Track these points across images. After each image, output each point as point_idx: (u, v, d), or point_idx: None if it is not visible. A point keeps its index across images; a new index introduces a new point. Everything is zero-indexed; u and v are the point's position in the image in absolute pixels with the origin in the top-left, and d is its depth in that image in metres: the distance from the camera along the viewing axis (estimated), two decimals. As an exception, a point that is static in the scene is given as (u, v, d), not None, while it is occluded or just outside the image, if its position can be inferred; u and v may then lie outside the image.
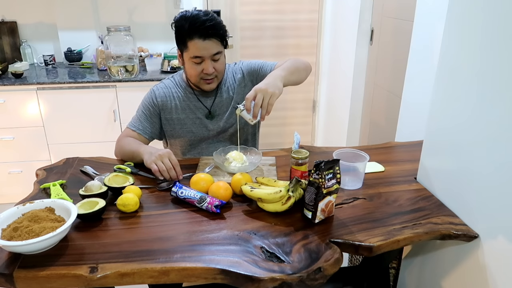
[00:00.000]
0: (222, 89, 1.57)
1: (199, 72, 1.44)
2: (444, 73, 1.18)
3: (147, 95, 1.55)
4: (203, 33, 1.36)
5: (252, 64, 1.59)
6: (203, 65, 1.42)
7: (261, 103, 1.23)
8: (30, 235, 0.91)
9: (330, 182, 1.04)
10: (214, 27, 1.38)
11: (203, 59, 1.41)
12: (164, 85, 1.56)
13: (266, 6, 3.16)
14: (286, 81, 1.35)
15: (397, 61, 2.27)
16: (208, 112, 1.55)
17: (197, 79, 1.47)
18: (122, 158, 1.46)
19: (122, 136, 1.51)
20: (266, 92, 1.23)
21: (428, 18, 1.75)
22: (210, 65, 1.42)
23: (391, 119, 2.32)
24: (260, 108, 1.23)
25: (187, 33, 1.38)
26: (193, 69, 1.44)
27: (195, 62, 1.42)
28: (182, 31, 1.39)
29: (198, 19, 1.36)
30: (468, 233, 1.06)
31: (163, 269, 0.89)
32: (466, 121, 1.09)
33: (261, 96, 1.23)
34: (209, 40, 1.38)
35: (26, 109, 2.51)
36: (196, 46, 1.38)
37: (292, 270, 0.89)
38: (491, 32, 0.98)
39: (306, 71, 1.51)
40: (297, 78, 1.45)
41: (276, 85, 1.27)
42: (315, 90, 3.47)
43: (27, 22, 2.91)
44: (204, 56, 1.40)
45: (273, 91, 1.24)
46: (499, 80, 0.96)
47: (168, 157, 1.28)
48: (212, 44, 1.39)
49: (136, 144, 1.43)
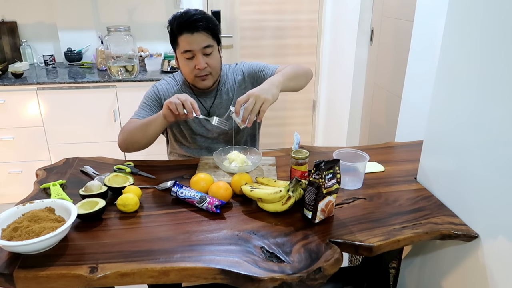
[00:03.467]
0: (222, 90, 1.57)
1: (192, 69, 1.44)
2: (444, 73, 1.18)
3: (149, 90, 1.56)
4: (191, 26, 1.38)
5: (254, 66, 1.58)
6: (195, 61, 1.42)
7: (252, 108, 1.22)
8: (30, 235, 0.91)
9: (330, 182, 1.04)
10: (201, 20, 1.39)
11: (194, 54, 1.41)
12: (165, 81, 1.57)
13: (266, 6, 3.16)
14: (284, 87, 1.35)
15: (397, 61, 2.27)
16: (207, 112, 1.55)
17: (191, 77, 1.46)
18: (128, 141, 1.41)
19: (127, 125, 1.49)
20: (258, 98, 1.23)
21: (428, 18, 1.75)
22: (202, 59, 1.42)
23: (391, 119, 2.32)
24: (250, 113, 1.22)
25: (176, 29, 1.40)
26: (186, 66, 1.44)
27: (187, 58, 1.42)
28: (172, 29, 1.41)
29: (186, 14, 1.39)
30: (468, 233, 1.06)
31: (163, 269, 0.89)
32: (466, 121, 1.09)
33: (252, 101, 1.22)
34: (198, 33, 1.39)
35: (26, 109, 2.51)
36: (186, 40, 1.39)
37: (292, 270, 0.89)
38: (491, 32, 0.98)
39: (306, 78, 1.51)
40: (295, 85, 1.45)
41: (271, 91, 1.27)
42: (315, 90, 3.47)
43: (27, 22, 2.91)
44: (194, 50, 1.40)
45: (266, 97, 1.24)
46: (499, 80, 0.96)
47: (185, 96, 1.26)
48: (201, 37, 1.40)
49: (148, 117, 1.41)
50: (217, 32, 1.45)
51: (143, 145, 1.42)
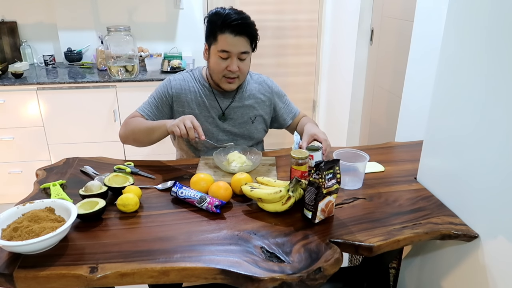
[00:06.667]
0: (242, 94, 1.57)
1: (223, 68, 1.44)
2: (444, 73, 1.18)
3: (162, 84, 1.55)
4: (235, 28, 1.38)
5: (282, 96, 1.67)
6: (229, 62, 1.42)
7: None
8: (30, 235, 0.91)
9: (330, 182, 1.04)
10: (246, 25, 1.39)
11: (230, 55, 1.41)
12: (182, 77, 1.56)
13: (266, 6, 3.16)
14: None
15: (397, 61, 2.27)
16: (221, 113, 1.55)
17: (219, 76, 1.46)
18: (130, 138, 1.47)
19: (131, 117, 1.51)
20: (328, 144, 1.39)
21: (428, 18, 1.75)
22: (235, 63, 1.42)
23: (391, 119, 2.32)
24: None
25: (219, 27, 1.39)
26: (218, 64, 1.44)
27: (222, 57, 1.42)
28: (214, 25, 1.40)
29: (232, 15, 1.39)
30: (468, 233, 1.06)
31: (163, 269, 0.89)
32: (466, 121, 1.09)
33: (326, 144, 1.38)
34: (240, 37, 1.39)
35: (26, 109, 2.51)
36: (226, 41, 1.39)
37: (292, 270, 0.89)
38: (491, 32, 0.98)
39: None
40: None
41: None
42: (315, 90, 3.47)
43: (27, 22, 2.91)
44: (232, 52, 1.41)
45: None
46: (499, 79, 0.96)
47: (190, 119, 1.30)
48: (242, 42, 1.40)
49: (152, 122, 1.44)
50: (256, 40, 1.46)
51: (145, 145, 1.47)
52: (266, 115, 1.62)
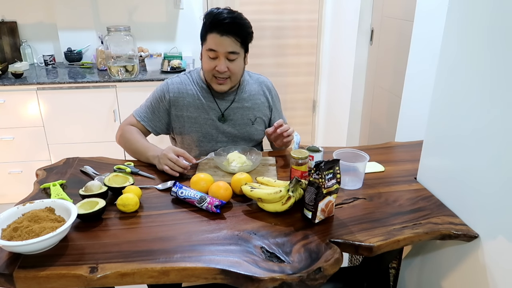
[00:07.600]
0: (242, 96, 1.56)
1: (212, 68, 1.43)
2: (444, 73, 1.18)
3: (159, 87, 1.54)
4: (222, 28, 1.37)
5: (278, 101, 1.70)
6: (217, 62, 1.42)
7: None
8: (30, 235, 0.91)
9: (330, 182, 1.04)
10: (234, 25, 1.39)
11: (218, 55, 1.41)
12: (179, 80, 1.55)
13: (266, 6, 3.16)
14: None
15: (397, 61, 2.27)
16: (221, 115, 1.54)
17: (209, 76, 1.46)
18: (123, 147, 1.50)
19: (126, 124, 1.52)
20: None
21: (428, 18, 1.75)
22: (224, 63, 1.42)
23: (391, 119, 2.32)
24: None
25: (208, 26, 1.40)
26: (207, 63, 1.44)
27: (210, 57, 1.43)
28: (204, 24, 1.41)
29: (221, 15, 1.38)
30: (468, 233, 1.06)
31: (163, 269, 0.89)
32: (466, 121, 1.09)
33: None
34: (226, 37, 1.38)
35: (26, 109, 2.51)
36: (213, 40, 1.39)
37: (292, 270, 0.89)
38: (491, 32, 0.98)
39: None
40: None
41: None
42: (315, 90, 3.47)
43: (27, 22, 2.91)
44: (219, 52, 1.40)
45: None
46: (499, 79, 0.96)
47: (167, 155, 1.31)
48: (229, 42, 1.40)
49: (142, 143, 1.45)
50: (248, 40, 1.46)
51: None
52: (265, 117, 1.62)
